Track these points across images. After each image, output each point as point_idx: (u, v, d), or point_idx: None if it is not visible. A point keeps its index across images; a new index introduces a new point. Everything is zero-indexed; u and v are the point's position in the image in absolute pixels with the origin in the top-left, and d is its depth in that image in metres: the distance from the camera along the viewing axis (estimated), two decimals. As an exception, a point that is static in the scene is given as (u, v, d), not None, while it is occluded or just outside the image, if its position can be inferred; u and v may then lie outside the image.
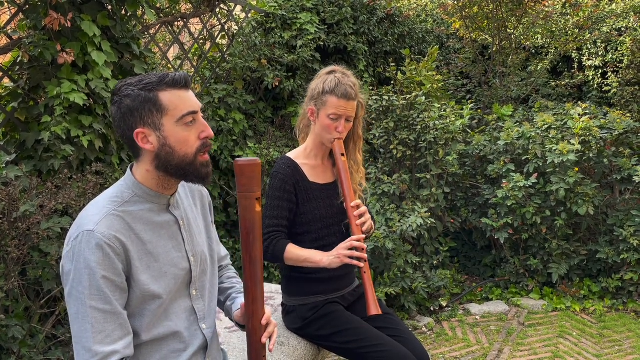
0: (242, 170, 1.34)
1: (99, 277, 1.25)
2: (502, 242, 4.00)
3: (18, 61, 2.87)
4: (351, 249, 1.96)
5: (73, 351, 1.38)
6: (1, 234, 2.36)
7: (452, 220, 4.29)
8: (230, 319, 1.63)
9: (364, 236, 1.98)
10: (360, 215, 2.01)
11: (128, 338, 1.30)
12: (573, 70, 7.43)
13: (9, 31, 2.89)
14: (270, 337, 1.45)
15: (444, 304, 3.89)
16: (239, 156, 4.23)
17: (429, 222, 3.79)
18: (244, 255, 1.39)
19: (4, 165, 2.71)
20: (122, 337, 1.28)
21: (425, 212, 3.84)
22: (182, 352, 1.42)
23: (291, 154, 2.19)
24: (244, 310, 1.44)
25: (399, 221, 3.78)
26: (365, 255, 1.95)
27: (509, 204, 3.90)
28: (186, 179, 1.39)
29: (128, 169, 1.41)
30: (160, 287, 1.36)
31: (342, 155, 2.08)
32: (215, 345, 1.55)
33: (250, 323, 1.41)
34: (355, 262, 1.94)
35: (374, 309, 1.90)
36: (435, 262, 4.08)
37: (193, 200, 1.55)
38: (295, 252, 2.03)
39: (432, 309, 3.83)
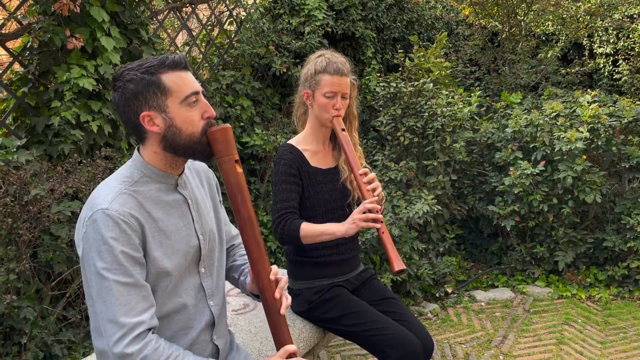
0: (215, 136, 1.39)
1: (117, 251, 1.28)
2: (509, 229, 4.00)
3: (28, 46, 2.89)
4: (365, 213, 1.96)
5: (91, 333, 1.42)
6: (13, 217, 2.40)
7: (458, 208, 4.30)
8: (247, 294, 1.66)
9: (376, 199, 1.98)
10: (370, 182, 2.02)
11: (152, 309, 1.33)
12: (584, 58, 7.35)
13: (19, 16, 2.91)
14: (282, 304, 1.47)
15: (449, 290, 3.91)
16: (246, 142, 4.25)
17: (436, 209, 3.80)
18: (238, 218, 1.43)
19: (15, 150, 2.75)
20: (147, 308, 1.32)
21: (432, 199, 3.85)
22: (190, 329, 1.46)
23: (292, 141, 2.21)
24: (252, 274, 1.47)
25: (405, 208, 3.79)
26: (381, 216, 1.95)
27: (516, 192, 3.90)
28: (193, 157, 1.43)
29: (135, 151, 1.43)
30: (172, 264, 1.39)
31: (343, 130, 2.10)
32: (223, 323, 1.58)
33: (260, 282, 1.45)
34: (371, 225, 1.94)
35: (398, 264, 1.88)
36: (441, 249, 4.09)
37: (200, 182, 1.58)
38: (310, 229, 2.03)
39: (437, 295, 3.85)
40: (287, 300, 1.47)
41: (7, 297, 2.32)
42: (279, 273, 1.50)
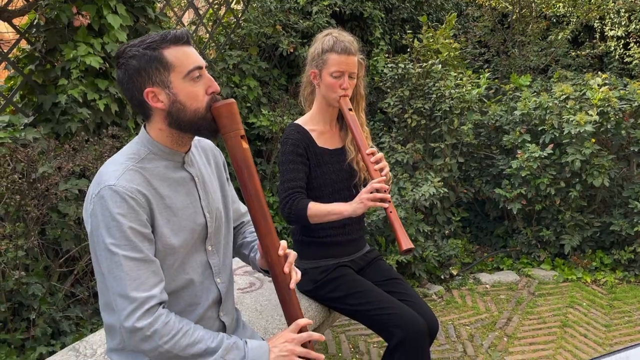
0: (219, 111, 1.38)
1: (126, 227, 1.28)
2: (515, 212, 3.99)
3: (34, 23, 2.88)
4: (372, 193, 1.95)
5: (101, 309, 1.43)
6: (21, 194, 2.42)
7: (465, 191, 4.29)
8: (258, 270, 1.66)
9: (384, 178, 1.97)
10: (377, 162, 2.01)
11: (162, 284, 1.34)
12: (594, 40, 7.25)
13: (25, -7, 2.90)
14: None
15: (454, 272, 3.91)
16: (253, 123, 4.23)
17: (442, 192, 3.79)
18: (244, 194, 1.43)
19: (23, 127, 2.75)
20: (157, 283, 1.32)
21: (439, 181, 3.83)
22: (197, 306, 1.47)
23: (299, 121, 2.19)
24: (261, 249, 1.47)
25: (412, 190, 3.79)
26: (388, 196, 1.93)
27: (523, 175, 3.88)
28: (199, 134, 1.42)
29: (142, 128, 1.43)
30: (178, 241, 1.40)
31: (350, 110, 2.08)
32: (230, 301, 1.59)
33: (269, 257, 1.45)
34: (379, 204, 1.93)
35: (405, 243, 1.87)
36: (446, 232, 4.09)
37: (207, 160, 1.57)
38: (318, 208, 2.03)
39: (442, 277, 3.86)
40: (296, 274, 1.47)
41: (16, 273, 2.35)
42: None
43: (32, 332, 2.44)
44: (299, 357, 1.40)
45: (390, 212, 1.93)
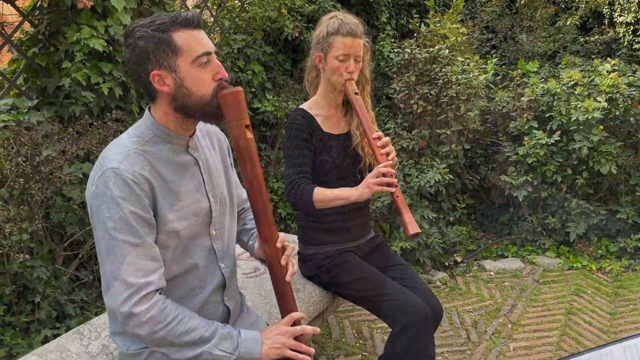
0: (225, 99, 1.35)
1: (127, 212, 1.27)
2: (521, 200, 3.97)
3: (38, 5, 2.85)
4: (379, 177, 1.93)
5: (102, 292, 1.42)
6: (25, 177, 2.41)
7: (470, 177, 4.26)
8: (256, 257, 1.66)
9: (390, 162, 1.94)
10: (384, 146, 1.98)
11: (161, 271, 1.33)
12: (603, 27, 7.16)
13: (28, -25, 2.86)
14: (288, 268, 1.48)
15: (458, 259, 3.91)
16: (257, 109, 4.21)
17: (447, 178, 3.77)
18: (246, 184, 1.42)
19: (26, 111, 2.74)
20: (155, 269, 1.31)
21: (444, 168, 3.81)
22: (201, 290, 1.46)
23: (304, 106, 2.16)
24: (260, 240, 1.47)
25: (417, 177, 3.77)
26: (395, 180, 1.90)
27: (529, 162, 3.85)
28: (204, 119, 1.40)
29: (146, 110, 1.41)
30: (182, 225, 1.39)
31: (356, 93, 2.05)
32: (234, 285, 1.58)
33: (267, 248, 1.45)
34: (385, 189, 1.90)
35: (412, 228, 1.85)
36: (451, 219, 4.07)
37: (211, 144, 1.55)
38: (323, 193, 2.00)
39: (446, 264, 3.86)
40: (292, 267, 1.47)
41: (20, 256, 2.35)
42: (289, 239, 1.49)
43: (37, 315, 2.45)
44: (291, 349, 1.41)
45: (397, 196, 1.90)
